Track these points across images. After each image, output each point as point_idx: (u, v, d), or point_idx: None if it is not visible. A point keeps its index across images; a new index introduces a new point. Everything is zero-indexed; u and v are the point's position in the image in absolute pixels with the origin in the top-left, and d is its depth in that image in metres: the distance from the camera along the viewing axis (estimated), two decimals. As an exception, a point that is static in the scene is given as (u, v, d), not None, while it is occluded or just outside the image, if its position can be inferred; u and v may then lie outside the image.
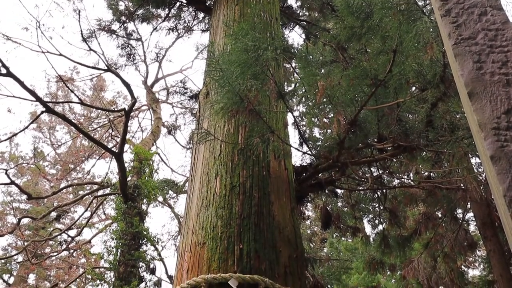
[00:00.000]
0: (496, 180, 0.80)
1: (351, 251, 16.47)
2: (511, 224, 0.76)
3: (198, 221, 3.29)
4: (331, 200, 6.84)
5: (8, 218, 19.89)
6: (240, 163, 3.54)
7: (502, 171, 0.79)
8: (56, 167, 22.42)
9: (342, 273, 13.13)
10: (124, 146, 9.52)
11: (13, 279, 21.26)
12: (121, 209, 10.75)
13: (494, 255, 8.20)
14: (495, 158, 0.81)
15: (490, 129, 0.83)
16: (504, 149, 0.81)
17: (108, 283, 10.45)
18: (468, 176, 4.15)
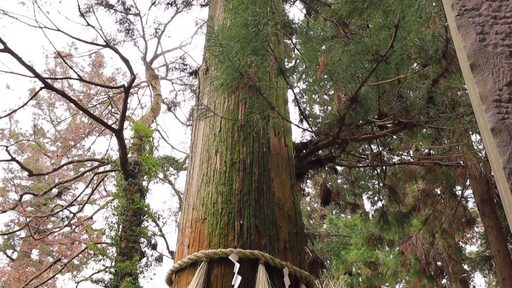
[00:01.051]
0: (496, 152, 0.79)
1: (350, 227, 16.65)
2: (510, 197, 0.76)
3: (199, 197, 3.31)
4: (330, 177, 6.87)
5: (10, 195, 20.04)
6: (240, 140, 3.53)
7: (502, 143, 0.79)
8: (56, 144, 22.45)
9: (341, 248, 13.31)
10: (124, 123, 9.51)
11: (16, 254, 21.58)
12: (122, 185, 10.82)
13: (491, 231, 8.28)
14: (495, 131, 0.80)
15: (492, 101, 0.82)
16: (505, 121, 0.80)
17: (110, 258, 10.60)
18: (468, 153, 4.15)
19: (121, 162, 10.60)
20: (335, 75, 3.41)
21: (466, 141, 3.99)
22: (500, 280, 7.95)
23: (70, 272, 18.37)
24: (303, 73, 5.00)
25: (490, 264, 10.83)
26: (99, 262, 10.92)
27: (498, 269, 8.05)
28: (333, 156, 4.54)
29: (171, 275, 3.08)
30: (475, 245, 17.37)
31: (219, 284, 2.72)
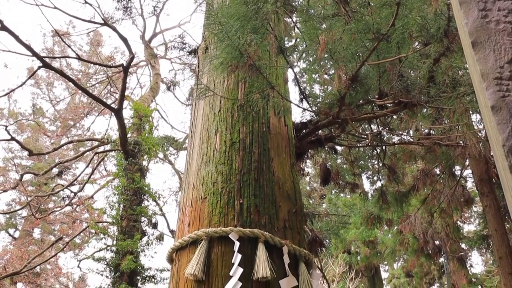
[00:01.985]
0: (496, 130, 0.79)
1: (350, 206, 16.77)
2: (509, 175, 0.76)
3: (199, 176, 3.32)
4: (330, 156, 6.88)
5: (10, 174, 20.12)
6: (240, 119, 3.52)
7: (502, 121, 0.78)
8: (55, 124, 22.42)
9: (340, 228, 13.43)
10: (123, 102, 9.48)
11: (18, 233, 21.79)
12: (122, 165, 10.85)
13: (490, 210, 8.35)
14: (495, 108, 0.80)
15: (493, 79, 0.82)
16: (506, 99, 0.80)
17: (112, 237, 10.71)
18: (467, 133, 4.15)
19: (121, 142, 10.60)
20: (336, 54, 3.38)
21: (466, 120, 3.98)
22: (497, 258, 8.06)
23: (72, 250, 18.60)
24: (304, 52, 4.95)
25: (488, 243, 10.96)
26: (100, 240, 11.03)
27: (495, 248, 8.15)
28: (333, 136, 4.53)
29: (172, 253, 3.12)
30: (473, 224, 17.53)
31: (219, 262, 2.76)
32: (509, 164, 0.76)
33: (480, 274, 18.16)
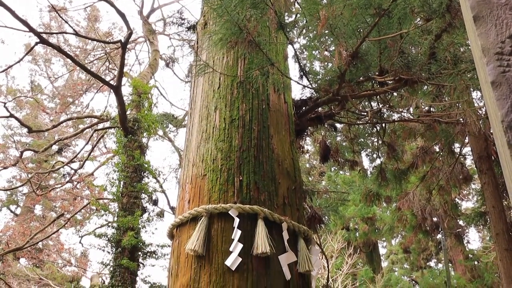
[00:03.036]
0: (495, 106, 0.78)
1: (349, 184, 16.87)
2: (507, 151, 0.76)
3: (198, 153, 3.32)
4: (330, 134, 6.87)
5: (10, 151, 20.15)
6: (240, 96, 3.51)
7: (502, 97, 0.78)
8: (54, 101, 22.34)
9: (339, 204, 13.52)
10: (121, 79, 9.41)
11: (20, 209, 21.99)
12: (122, 142, 10.86)
13: (488, 187, 8.40)
14: (496, 84, 0.79)
15: (493, 54, 0.81)
16: (506, 74, 0.79)
17: (112, 214, 10.80)
18: (468, 110, 4.14)
19: (120, 119, 10.58)
20: (336, 30, 3.34)
21: (466, 98, 3.96)
22: (494, 234, 8.15)
23: (73, 227, 18.79)
24: (304, 28, 4.90)
25: (485, 220, 11.08)
26: (101, 217, 11.15)
27: (492, 224, 8.24)
28: (332, 113, 4.52)
29: (173, 230, 3.15)
30: (471, 202, 17.68)
31: (219, 238, 2.79)
32: (508, 140, 0.76)
33: (476, 250, 18.42)
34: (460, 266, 17.51)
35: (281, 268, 2.75)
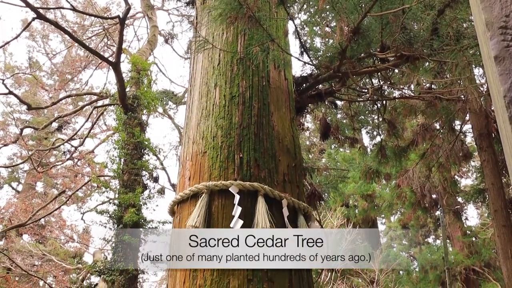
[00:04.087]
0: (498, 81, 0.77)
1: (349, 161, 16.91)
2: (508, 127, 0.75)
3: (199, 131, 3.32)
4: (330, 111, 6.85)
5: (10, 129, 20.15)
6: (240, 73, 3.48)
7: (504, 72, 0.77)
8: (53, 78, 22.20)
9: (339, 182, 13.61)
10: (120, 55, 9.32)
11: (21, 186, 22.11)
12: (122, 119, 10.83)
13: (487, 165, 8.42)
14: (499, 58, 0.78)
15: (497, 28, 0.79)
16: (509, 49, 0.77)
17: (114, 191, 10.86)
18: (469, 86, 4.11)
19: (119, 96, 10.53)
20: (338, 5, 3.29)
21: (468, 74, 3.93)
22: (492, 211, 8.22)
23: (75, 203, 18.95)
24: (305, 3, 4.82)
25: (484, 197, 11.14)
26: (102, 194, 11.22)
27: (491, 201, 8.29)
28: (333, 90, 4.50)
29: (173, 206, 3.17)
30: (470, 179, 17.77)
31: (220, 214, 2.81)
32: (509, 115, 0.75)
33: (474, 227, 18.61)
34: (458, 242, 17.73)
35: (281, 244, 2.78)
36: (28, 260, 16.09)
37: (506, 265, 7.65)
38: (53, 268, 16.05)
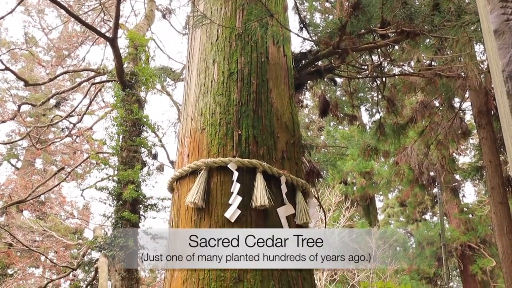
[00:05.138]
0: (497, 55, 0.76)
1: (347, 138, 16.93)
2: (506, 102, 0.75)
3: (197, 107, 3.30)
4: (329, 88, 6.82)
5: (7, 105, 20.05)
6: (238, 49, 3.44)
7: (504, 46, 0.76)
8: (50, 54, 21.97)
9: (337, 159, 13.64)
10: (117, 31, 9.19)
11: (20, 163, 22.17)
12: (120, 96, 10.78)
13: (486, 142, 8.44)
14: (498, 32, 0.77)
15: (498, 1, 0.77)
16: (509, 22, 0.76)
17: (113, 167, 10.89)
18: (470, 63, 4.08)
19: (117, 72, 10.44)
20: (338, -20, 3.23)
21: (469, 51, 3.90)
22: (489, 188, 8.28)
23: (74, 180, 19.01)
24: (304, -22, 4.73)
25: (481, 174, 11.21)
26: (101, 171, 11.25)
27: (488, 179, 8.34)
28: (332, 67, 4.46)
29: (173, 183, 3.18)
30: (468, 156, 17.83)
31: (218, 191, 2.82)
32: (508, 90, 0.74)
33: (471, 204, 18.80)
34: (455, 219, 17.94)
35: (280, 220, 2.81)
36: (29, 236, 16.26)
37: (501, 241, 7.76)
38: (54, 243, 16.23)
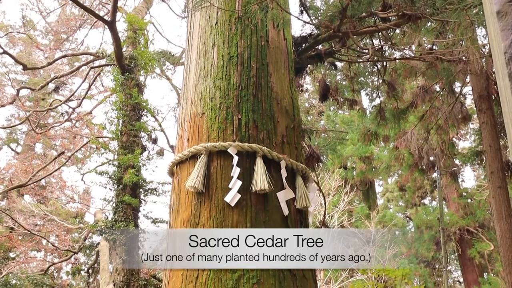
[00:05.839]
0: (499, 37, 0.75)
1: (347, 123, 16.92)
2: (507, 84, 0.74)
3: (197, 91, 3.28)
4: (330, 72, 6.78)
5: (6, 90, 19.96)
6: (238, 33, 3.41)
7: (506, 27, 0.74)
8: (48, 37, 21.80)
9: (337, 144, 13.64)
10: (116, 14, 9.09)
11: (20, 148, 22.18)
12: (119, 80, 10.73)
13: (486, 127, 8.43)
14: (501, 13, 0.75)
15: (501, -18, 0.76)
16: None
17: (113, 152, 10.91)
18: (471, 47, 4.05)
19: (116, 56, 10.38)
20: (339, -38, 3.19)
21: (471, 34, 3.86)
22: (489, 173, 8.30)
23: (74, 165, 19.06)
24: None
25: (481, 159, 11.23)
26: (102, 155, 11.28)
27: (487, 163, 8.35)
28: (333, 51, 4.43)
29: (173, 167, 3.18)
30: (468, 141, 17.86)
31: (218, 175, 2.83)
32: (509, 71, 0.73)
33: (470, 189, 18.87)
34: (454, 203, 18.03)
35: (279, 204, 2.82)
36: (30, 220, 16.35)
37: (499, 225, 7.81)
38: (55, 227, 16.34)
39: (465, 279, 17.81)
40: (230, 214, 2.70)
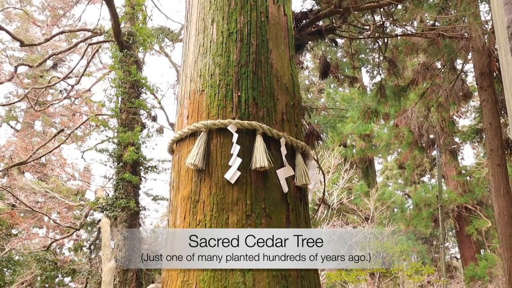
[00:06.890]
0: (502, 10, 0.73)
1: (348, 101, 16.86)
2: (509, 59, 0.72)
3: (196, 68, 3.25)
4: (330, 49, 6.72)
5: (4, 67, 19.80)
6: (237, 8, 3.35)
7: (510, 1, 0.72)
8: (45, 13, 21.50)
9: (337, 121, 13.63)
10: (114, -11, 8.96)
11: (20, 125, 22.16)
12: (118, 57, 10.63)
13: (486, 104, 8.40)
14: (504, -13, 0.73)
15: (504, -46, 0.73)
16: (516, -23, 0.72)
17: (112, 129, 10.90)
18: (473, 23, 3.99)
19: (114, 33, 10.26)
20: None
21: (473, 10, 3.80)
22: (488, 151, 8.31)
23: (74, 142, 19.07)
24: None
25: (481, 137, 11.23)
26: (101, 133, 11.28)
27: (487, 141, 8.36)
28: (334, 27, 4.37)
29: (173, 145, 3.18)
30: (468, 119, 17.84)
31: (218, 152, 2.83)
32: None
33: (470, 166, 18.94)
34: (453, 181, 18.12)
35: (279, 181, 2.83)
36: (32, 197, 16.47)
37: (498, 202, 7.87)
38: (57, 204, 16.47)
39: (462, 255, 18.06)
40: (230, 191, 2.71)
